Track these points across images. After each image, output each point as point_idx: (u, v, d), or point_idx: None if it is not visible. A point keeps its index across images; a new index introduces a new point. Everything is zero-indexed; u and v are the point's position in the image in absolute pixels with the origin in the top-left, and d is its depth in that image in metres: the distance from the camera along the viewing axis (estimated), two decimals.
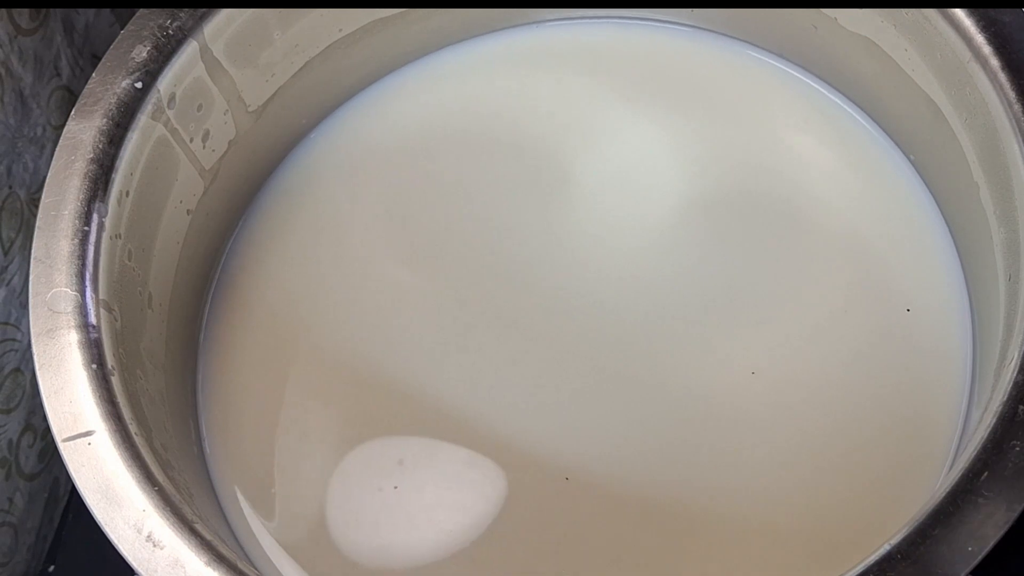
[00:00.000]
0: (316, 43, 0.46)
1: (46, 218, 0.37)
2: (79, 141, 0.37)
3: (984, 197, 0.40)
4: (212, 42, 0.41)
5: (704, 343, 0.42)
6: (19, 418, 0.45)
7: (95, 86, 0.38)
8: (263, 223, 0.47)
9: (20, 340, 0.44)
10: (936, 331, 0.42)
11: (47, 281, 0.36)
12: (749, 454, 0.40)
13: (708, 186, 0.45)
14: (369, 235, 0.46)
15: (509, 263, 0.45)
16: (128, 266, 0.38)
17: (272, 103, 0.45)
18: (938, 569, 0.29)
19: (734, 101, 0.47)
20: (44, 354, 0.35)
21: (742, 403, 0.41)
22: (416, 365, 0.43)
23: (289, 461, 0.42)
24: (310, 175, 0.48)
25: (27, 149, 0.43)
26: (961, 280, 0.43)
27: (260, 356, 0.44)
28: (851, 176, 0.45)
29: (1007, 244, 0.38)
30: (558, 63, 0.49)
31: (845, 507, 0.39)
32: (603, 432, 0.41)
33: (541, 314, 0.43)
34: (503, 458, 0.41)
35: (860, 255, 0.44)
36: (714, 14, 0.47)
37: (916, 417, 0.40)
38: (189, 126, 0.41)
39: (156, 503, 0.33)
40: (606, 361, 0.42)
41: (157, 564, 0.32)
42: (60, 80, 0.45)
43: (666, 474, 0.40)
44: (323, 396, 0.43)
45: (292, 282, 0.45)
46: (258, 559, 0.40)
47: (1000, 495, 0.30)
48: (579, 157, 0.46)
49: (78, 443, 0.34)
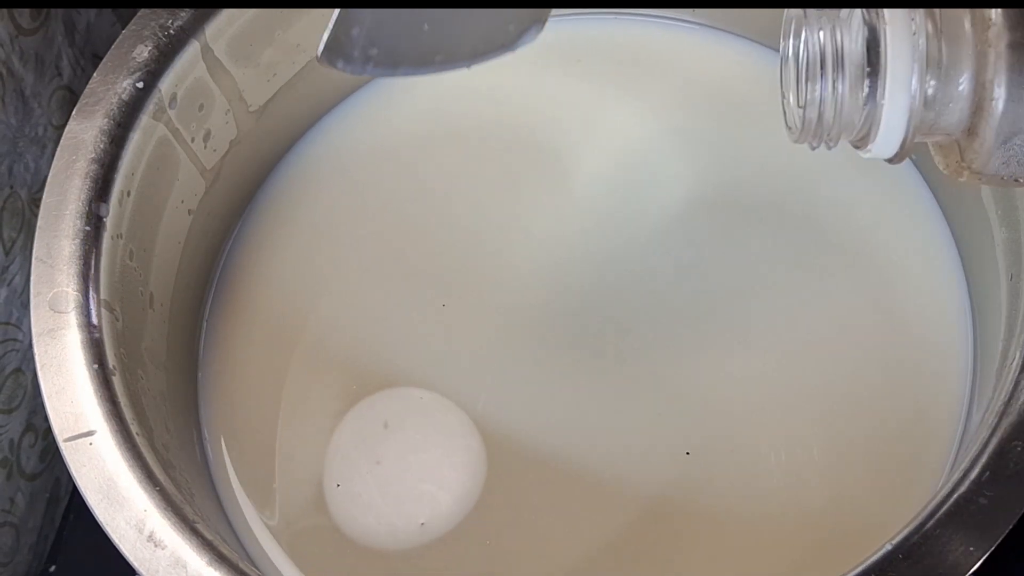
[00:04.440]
0: (317, 43, 0.45)
1: (47, 218, 0.37)
2: (80, 141, 0.37)
3: (985, 197, 0.40)
4: (213, 42, 0.41)
5: (705, 342, 0.42)
6: (20, 418, 0.45)
7: (96, 86, 0.38)
8: (264, 222, 0.47)
9: (21, 340, 0.44)
10: (937, 331, 0.42)
11: (48, 281, 0.36)
12: (749, 453, 0.40)
13: (710, 185, 0.45)
14: (369, 234, 0.46)
15: (509, 261, 0.45)
16: (129, 266, 0.38)
17: (273, 103, 0.45)
18: (939, 569, 0.29)
19: (735, 100, 0.47)
20: (45, 354, 0.35)
21: (742, 402, 0.41)
22: (416, 364, 0.43)
23: (290, 460, 0.42)
24: (311, 174, 0.48)
25: (28, 149, 0.43)
26: (962, 280, 0.43)
27: (261, 355, 0.44)
28: (853, 175, 0.45)
29: (1008, 244, 0.38)
30: (560, 61, 0.49)
31: (846, 507, 0.39)
32: (604, 431, 0.41)
33: (541, 313, 0.43)
34: (511, 463, 0.41)
35: (861, 255, 0.44)
36: (718, 12, 0.47)
37: (917, 417, 0.40)
38: (190, 126, 0.41)
39: (157, 503, 0.33)
40: (606, 359, 0.42)
41: (158, 564, 0.32)
42: (61, 80, 0.45)
43: (666, 473, 0.40)
44: (324, 394, 0.43)
45: (293, 281, 0.45)
46: (259, 559, 0.40)
47: (1001, 496, 0.30)
48: (581, 156, 0.46)
49: (79, 443, 0.34)
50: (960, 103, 0.25)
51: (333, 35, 0.32)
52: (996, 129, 0.25)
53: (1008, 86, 0.25)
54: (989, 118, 0.25)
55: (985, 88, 0.25)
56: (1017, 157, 0.26)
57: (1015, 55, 0.25)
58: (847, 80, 0.26)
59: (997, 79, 0.25)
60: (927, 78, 0.25)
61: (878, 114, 0.26)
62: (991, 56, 0.25)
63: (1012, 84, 0.25)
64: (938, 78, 0.25)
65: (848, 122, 0.27)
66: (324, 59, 0.32)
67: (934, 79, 0.25)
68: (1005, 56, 0.24)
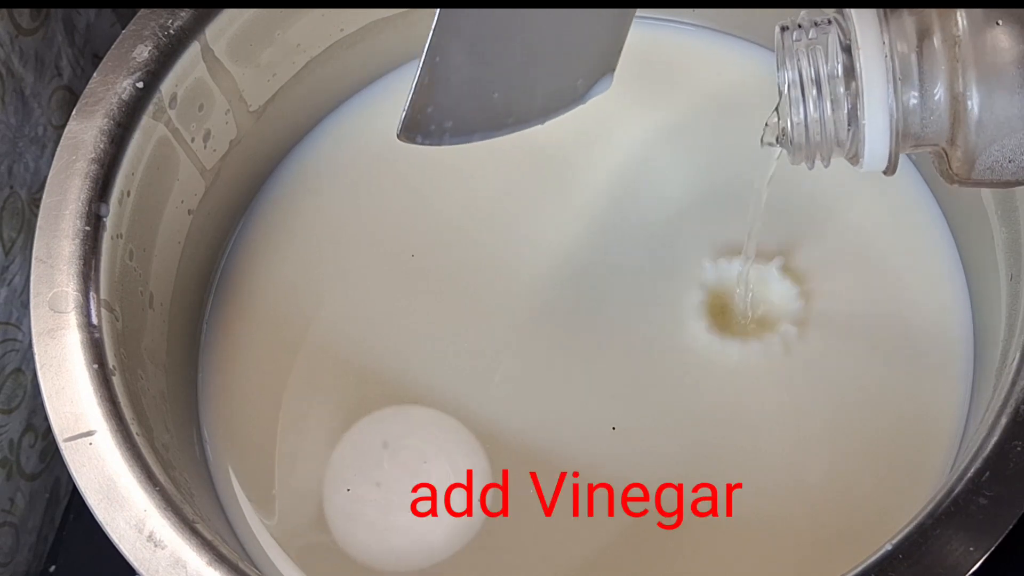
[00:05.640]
0: (317, 43, 0.46)
1: (47, 218, 0.37)
2: (80, 141, 0.37)
3: (985, 197, 0.40)
4: (214, 42, 0.41)
5: (706, 342, 0.42)
6: (20, 418, 0.45)
7: (96, 86, 0.38)
8: (264, 222, 0.47)
9: (21, 340, 0.44)
10: (937, 331, 0.42)
11: (48, 281, 0.36)
12: (750, 453, 0.40)
13: (710, 185, 0.45)
14: (369, 235, 0.46)
15: (509, 260, 0.45)
16: (129, 266, 0.38)
17: (273, 103, 0.45)
18: (939, 569, 0.29)
19: (737, 103, 0.47)
20: (45, 354, 0.35)
21: (743, 402, 0.41)
22: (417, 364, 0.43)
23: (290, 460, 0.42)
24: (311, 175, 0.48)
25: (28, 149, 0.43)
26: (962, 279, 0.43)
27: (261, 355, 0.44)
28: (853, 178, 0.45)
29: (1009, 243, 0.38)
30: None
31: (846, 507, 0.39)
32: (605, 429, 0.41)
33: (542, 312, 0.43)
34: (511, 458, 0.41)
35: (861, 254, 0.44)
36: (721, 15, 0.47)
37: (918, 417, 0.40)
38: (190, 126, 0.41)
39: (157, 503, 0.33)
40: (607, 358, 0.42)
41: (158, 564, 0.32)
42: (61, 80, 0.45)
43: (667, 472, 0.40)
44: (324, 395, 0.43)
45: (293, 281, 0.45)
46: (259, 558, 0.40)
47: (1002, 496, 0.30)
48: (583, 159, 0.46)
49: (79, 443, 0.34)
50: (938, 114, 0.27)
51: (409, 115, 0.32)
52: (974, 138, 0.27)
53: (980, 96, 0.26)
54: (967, 127, 0.27)
55: (959, 100, 0.27)
56: (1000, 163, 0.27)
57: (982, 68, 0.26)
58: (826, 103, 0.29)
59: (968, 91, 0.26)
60: (908, 91, 0.27)
61: (862, 132, 0.28)
62: (959, 70, 0.26)
63: (983, 94, 0.26)
64: (916, 92, 0.27)
65: (834, 141, 0.29)
66: (403, 137, 0.32)
67: (914, 91, 0.27)
68: (974, 69, 0.26)
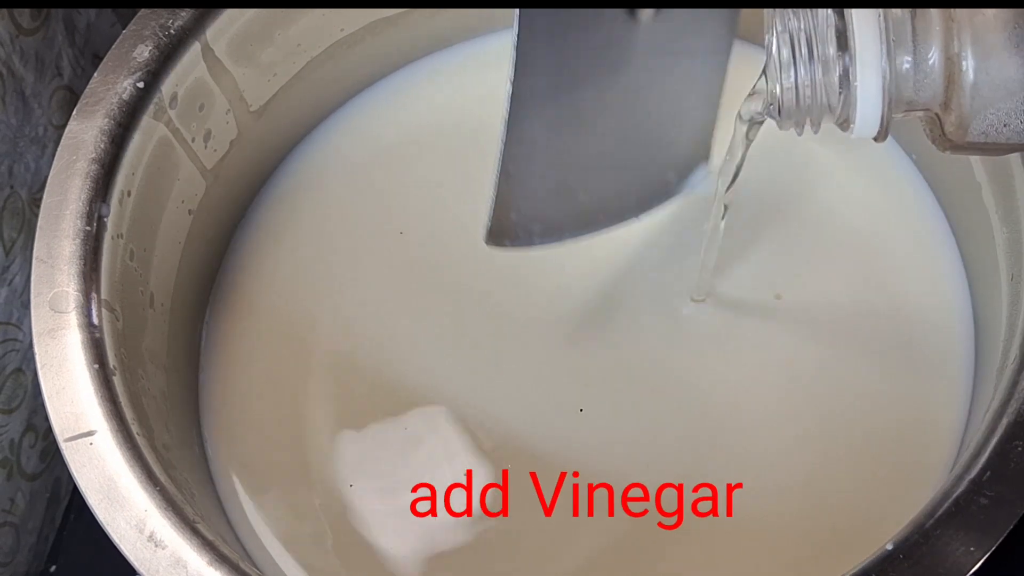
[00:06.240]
0: (318, 43, 0.46)
1: (48, 218, 0.37)
2: (81, 141, 0.37)
3: (986, 197, 0.40)
4: (214, 42, 0.41)
5: (707, 341, 0.42)
6: (21, 418, 0.45)
7: (97, 86, 0.38)
8: (264, 223, 0.47)
9: (22, 340, 0.44)
10: (938, 331, 0.42)
11: (49, 281, 0.36)
12: (750, 452, 0.40)
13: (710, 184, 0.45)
14: (370, 234, 0.46)
15: (512, 261, 0.45)
16: (130, 266, 0.38)
17: (274, 103, 0.45)
18: (939, 569, 0.29)
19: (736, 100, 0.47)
20: (46, 354, 0.35)
21: (743, 402, 0.41)
22: (417, 364, 0.43)
23: (290, 460, 0.42)
24: (311, 175, 0.48)
25: (28, 149, 0.43)
26: (963, 280, 0.43)
27: (261, 355, 0.44)
28: (853, 175, 0.45)
29: (1009, 244, 0.38)
30: None
31: (847, 506, 0.39)
32: (605, 429, 0.41)
33: (542, 313, 0.43)
34: (511, 458, 0.41)
35: (862, 254, 0.44)
36: None
37: (918, 417, 0.40)
38: (191, 126, 0.41)
39: (158, 503, 0.33)
40: (606, 357, 0.42)
41: (158, 564, 0.32)
42: (62, 80, 0.45)
43: (667, 472, 0.40)
44: (324, 394, 0.43)
45: (293, 282, 0.45)
46: (260, 559, 0.40)
47: (1002, 495, 0.30)
48: None
49: (80, 443, 0.34)
50: (932, 77, 0.26)
51: (495, 222, 0.32)
52: (969, 101, 0.26)
53: (975, 59, 0.25)
54: (961, 91, 0.26)
55: (953, 63, 0.26)
56: (995, 126, 0.26)
57: (979, 28, 0.25)
58: (817, 64, 0.27)
59: (963, 53, 0.25)
60: (901, 55, 0.26)
61: (853, 96, 0.27)
62: (954, 31, 0.25)
63: (979, 57, 0.25)
64: (910, 55, 0.26)
65: (825, 104, 0.28)
66: (491, 243, 0.32)
67: (907, 55, 0.26)
68: (969, 31, 0.25)
